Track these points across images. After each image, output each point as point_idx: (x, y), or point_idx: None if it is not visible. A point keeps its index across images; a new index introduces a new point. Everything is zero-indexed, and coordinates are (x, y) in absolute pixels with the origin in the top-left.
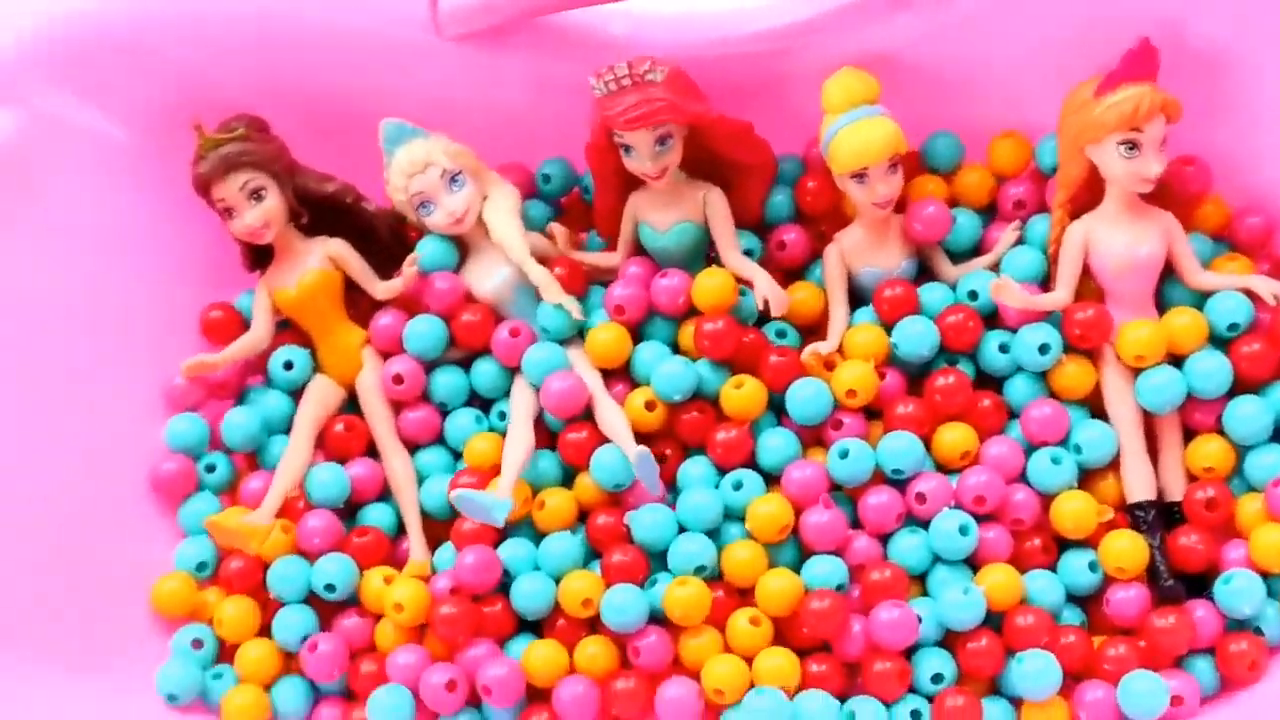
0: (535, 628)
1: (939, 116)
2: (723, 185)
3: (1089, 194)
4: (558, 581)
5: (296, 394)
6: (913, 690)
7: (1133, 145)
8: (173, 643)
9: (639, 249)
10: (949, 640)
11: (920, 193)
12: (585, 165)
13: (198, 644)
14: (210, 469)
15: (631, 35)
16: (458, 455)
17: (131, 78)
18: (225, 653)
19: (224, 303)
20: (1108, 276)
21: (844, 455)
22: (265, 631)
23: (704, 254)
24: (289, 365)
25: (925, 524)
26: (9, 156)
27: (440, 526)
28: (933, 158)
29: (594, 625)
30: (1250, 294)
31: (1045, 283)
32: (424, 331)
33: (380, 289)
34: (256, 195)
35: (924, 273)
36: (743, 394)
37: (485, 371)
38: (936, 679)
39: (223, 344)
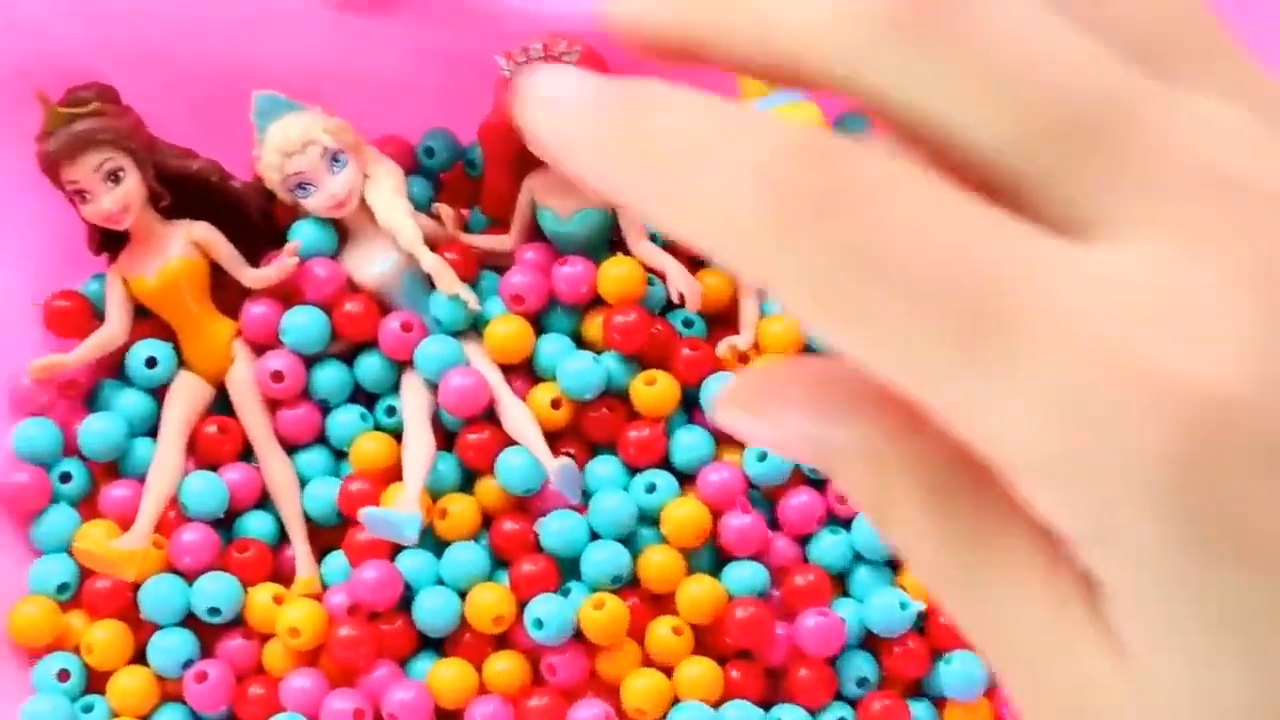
0: (437, 645)
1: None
2: None
3: None
4: (463, 595)
5: (158, 392)
6: (838, 696)
7: None
8: (35, 676)
9: (535, 233)
10: (872, 642)
11: None
12: (470, 139)
13: (64, 675)
14: (65, 478)
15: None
16: (341, 455)
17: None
18: (95, 682)
19: (70, 290)
20: None
21: (762, 457)
22: (139, 658)
23: (608, 240)
24: (151, 362)
25: (846, 524)
26: None
27: (326, 534)
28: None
29: (501, 640)
30: None
31: None
32: (304, 323)
33: (251, 276)
34: (113, 177)
35: None
36: (655, 390)
37: (370, 365)
38: (861, 683)
39: (70, 336)
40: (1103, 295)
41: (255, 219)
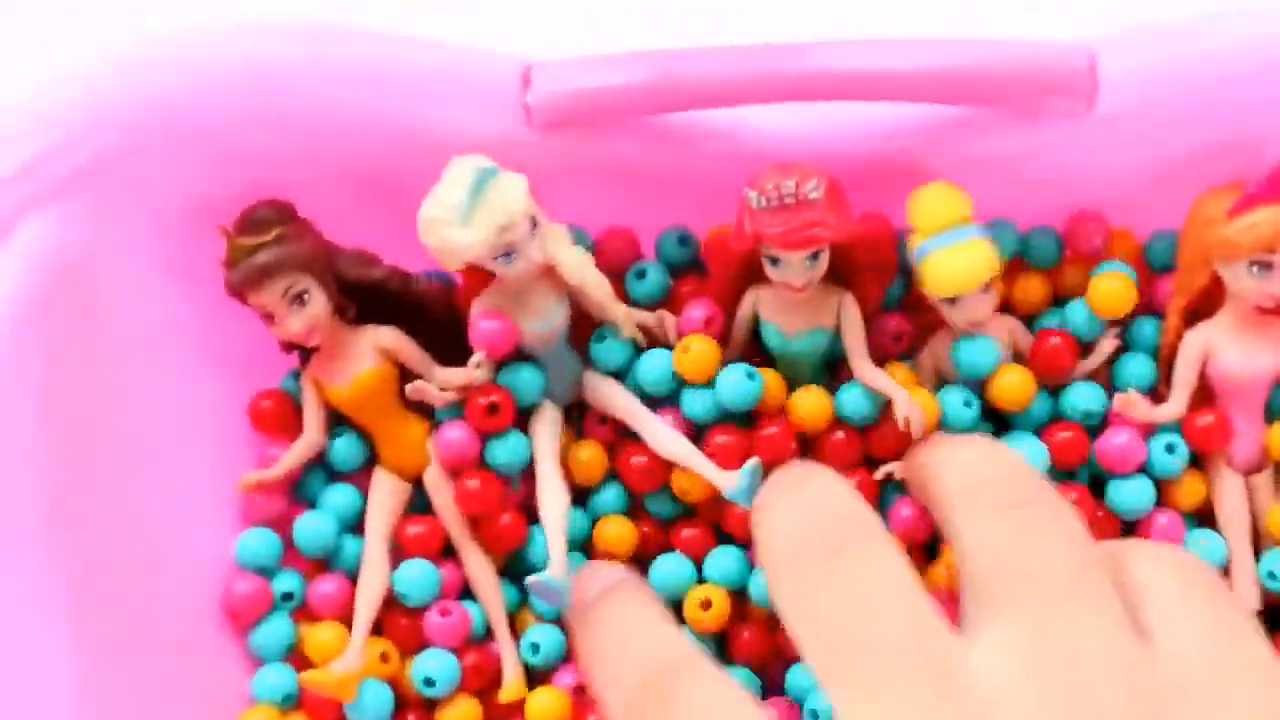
0: None
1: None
2: (843, 282)
3: (1205, 299)
4: None
5: (357, 481)
6: None
7: (1265, 266)
8: None
9: (754, 346)
10: None
11: (1024, 292)
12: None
13: None
14: (287, 597)
15: (731, 130)
16: None
17: (199, 167)
18: None
19: (272, 389)
20: (1224, 386)
21: None
22: None
23: (827, 361)
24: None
25: None
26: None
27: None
28: (1033, 254)
29: None
30: None
31: (1154, 389)
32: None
33: (440, 376)
34: (299, 299)
35: None
36: None
37: None
38: None
39: (276, 434)
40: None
41: (440, 316)
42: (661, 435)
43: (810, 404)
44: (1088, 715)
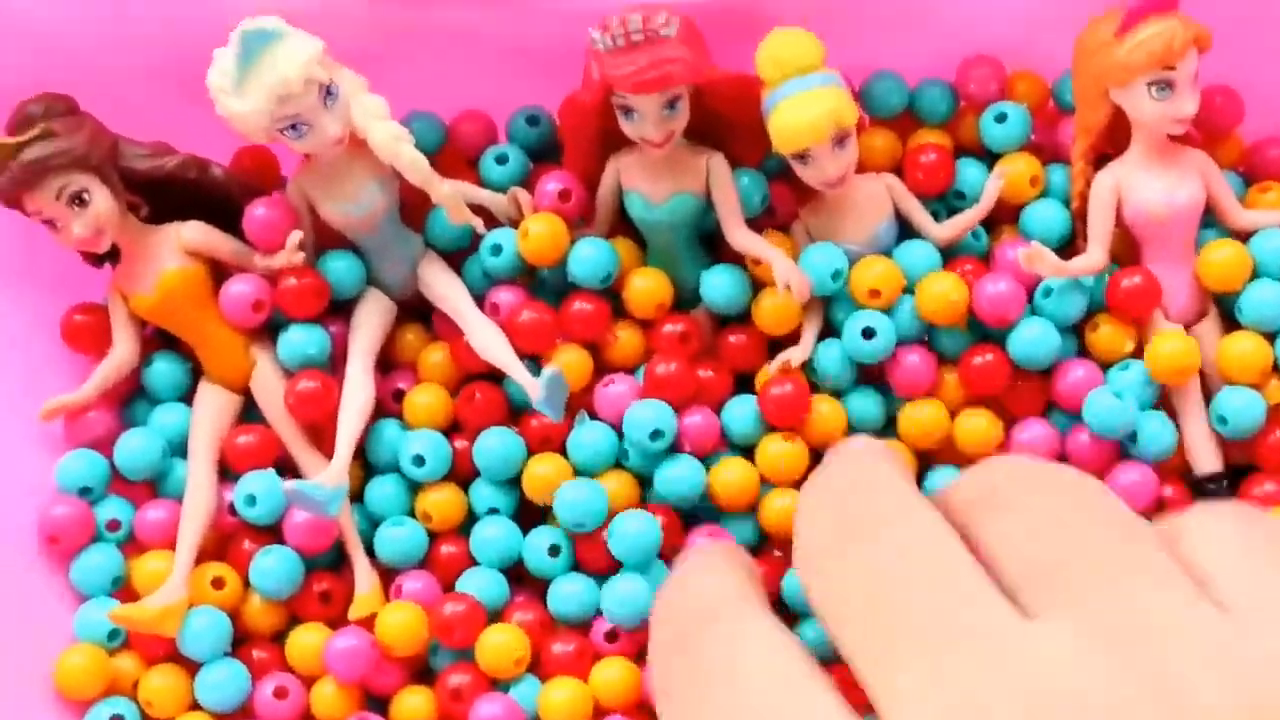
0: None
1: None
2: (715, 146)
3: (1110, 139)
4: None
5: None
6: None
7: (1165, 85)
8: None
9: (620, 219)
10: None
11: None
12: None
13: None
14: (113, 526)
15: None
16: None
17: None
18: None
19: (88, 303)
20: (1145, 228)
21: None
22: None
23: (698, 228)
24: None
25: None
26: None
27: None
28: (920, 107)
29: None
30: None
31: (1071, 241)
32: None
33: (260, 263)
34: (78, 200)
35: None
36: None
37: None
38: None
39: (94, 352)
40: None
41: (242, 203)
42: (479, 333)
43: (649, 287)
44: (1168, 689)
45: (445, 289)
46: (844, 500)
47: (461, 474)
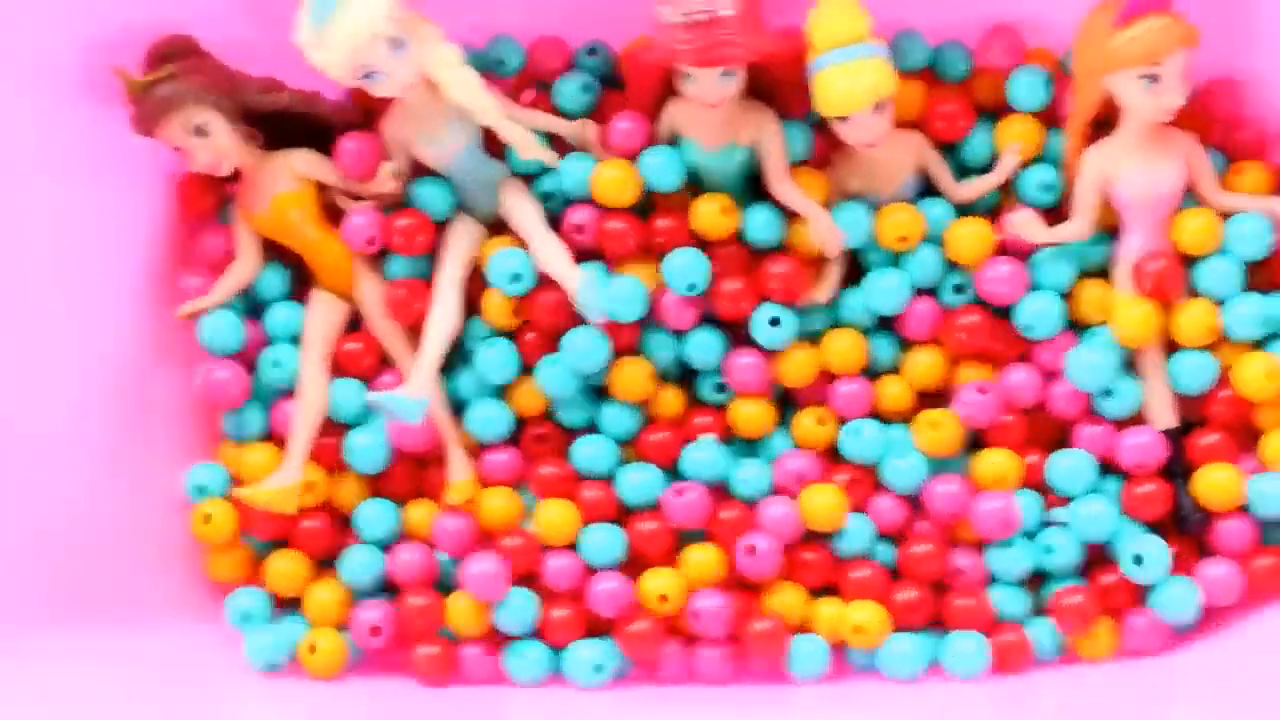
0: None
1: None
2: (764, 96)
3: (1106, 115)
4: None
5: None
6: None
7: (1153, 78)
8: (232, 615)
9: None
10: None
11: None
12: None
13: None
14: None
15: None
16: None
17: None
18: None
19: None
20: (1128, 209)
21: None
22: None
23: (745, 179)
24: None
25: None
26: None
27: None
28: (941, 68)
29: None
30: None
31: (1062, 205)
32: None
33: (359, 189)
34: (201, 132)
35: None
36: None
37: None
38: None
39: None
40: None
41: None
42: (542, 248)
43: (709, 213)
44: None
45: (520, 214)
46: None
47: None
